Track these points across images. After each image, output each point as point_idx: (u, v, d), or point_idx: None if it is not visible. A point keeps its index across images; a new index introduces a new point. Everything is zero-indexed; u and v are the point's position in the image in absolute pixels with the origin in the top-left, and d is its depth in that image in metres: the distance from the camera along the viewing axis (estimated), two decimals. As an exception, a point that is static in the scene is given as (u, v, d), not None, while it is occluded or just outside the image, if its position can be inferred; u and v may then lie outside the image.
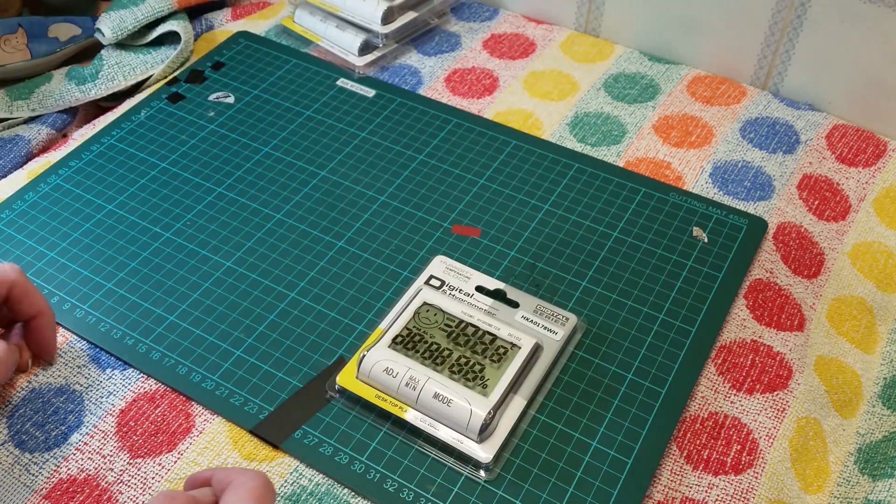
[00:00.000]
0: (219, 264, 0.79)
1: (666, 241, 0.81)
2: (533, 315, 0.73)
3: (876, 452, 0.68)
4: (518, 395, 0.67)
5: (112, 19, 1.01)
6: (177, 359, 0.72)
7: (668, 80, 1.00)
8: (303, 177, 0.88)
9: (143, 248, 0.81)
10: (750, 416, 0.69)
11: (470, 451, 0.65)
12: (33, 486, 0.65)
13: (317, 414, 0.68)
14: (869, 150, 0.92)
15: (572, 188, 0.86)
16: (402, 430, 0.67)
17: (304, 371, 0.71)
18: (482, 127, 0.93)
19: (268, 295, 0.77)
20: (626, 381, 0.70)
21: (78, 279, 0.78)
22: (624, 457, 0.65)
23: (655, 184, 0.86)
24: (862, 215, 0.86)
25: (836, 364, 0.75)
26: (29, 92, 0.99)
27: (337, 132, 0.93)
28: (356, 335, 0.74)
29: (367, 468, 0.65)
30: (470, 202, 0.85)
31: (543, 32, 1.08)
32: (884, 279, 0.81)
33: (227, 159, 0.90)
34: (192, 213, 0.84)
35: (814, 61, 0.95)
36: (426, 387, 0.66)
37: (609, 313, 0.75)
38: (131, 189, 0.86)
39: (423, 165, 0.89)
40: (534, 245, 0.81)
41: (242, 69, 1.01)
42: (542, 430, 0.67)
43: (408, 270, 0.79)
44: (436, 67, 1.02)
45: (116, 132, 0.93)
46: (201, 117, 0.95)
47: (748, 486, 0.65)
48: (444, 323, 0.71)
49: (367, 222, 0.83)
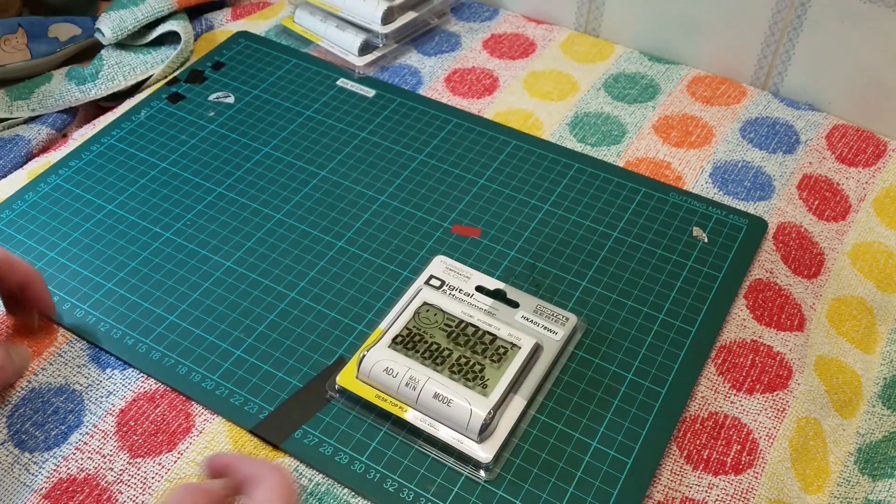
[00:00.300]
0: (219, 264, 0.79)
1: (666, 241, 0.81)
2: (533, 315, 0.73)
3: (876, 452, 0.68)
4: (518, 395, 0.67)
5: (112, 19, 1.01)
6: (177, 358, 0.72)
7: (668, 80, 1.00)
8: (303, 177, 0.88)
9: (144, 248, 0.81)
10: (750, 416, 0.69)
11: (470, 451, 0.64)
12: (33, 486, 0.65)
13: (317, 414, 0.68)
14: (869, 150, 0.92)
15: (572, 188, 0.86)
16: (402, 430, 0.67)
17: (304, 371, 0.71)
18: (482, 127, 0.93)
19: (268, 295, 0.77)
20: (626, 381, 0.70)
21: (78, 279, 0.78)
22: (624, 457, 0.65)
23: (655, 184, 0.86)
24: (862, 215, 0.86)
25: (836, 364, 0.75)
26: (29, 92, 0.99)
27: (337, 132, 0.93)
28: (356, 335, 0.74)
29: (367, 468, 0.65)
30: (470, 202, 0.85)
31: (543, 32, 1.08)
32: (884, 279, 0.81)
33: (227, 159, 0.89)
34: (192, 213, 0.84)
35: (814, 61, 0.95)
36: (426, 387, 0.66)
37: (609, 313, 0.75)
38: (131, 189, 0.86)
39: (423, 165, 0.89)
40: (534, 245, 0.81)
41: (242, 69, 1.01)
42: (542, 430, 0.67)
43: (408, 270, 0.79)
44: (436, 67, 1.02)
45: (116, 132, 0.93)
46: (201, 117, 0.94)
47: (748, 486, 0.65)
48: (444, 323, 0.71)
49: (367, 222, 0.83)
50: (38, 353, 0.73)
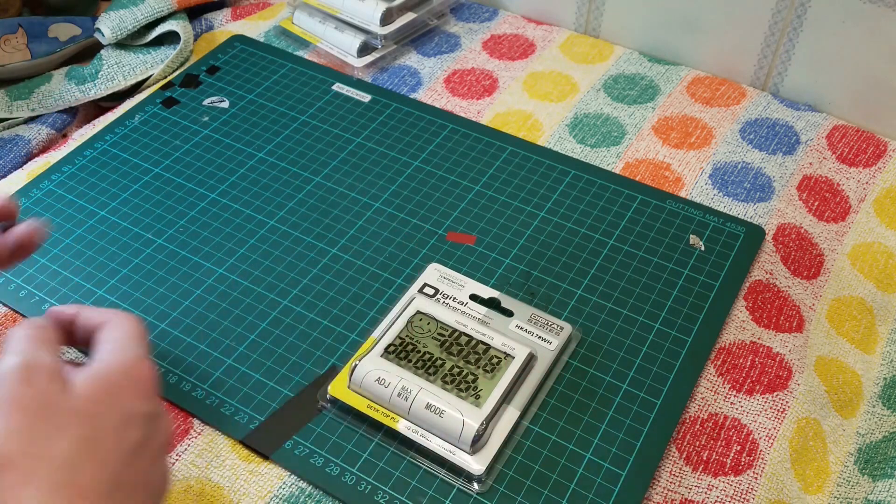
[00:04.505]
0: (211, 271, 0.79)
1: (662, 249, 0.80)
2: (527, 324, 0.72)
3: (876, 452, 0.68)
4: (511, 406, 0.67)
5: (112, 19, 1.01)
6: (167, 367, 0.71)
7: (667, 81, 0.99)
8: (297, 183, 0.87)
9: (135, 255, 0.80)
10: (750, 416, 0.69)
11: (462, 462, 0.64)
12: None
13: (308, 424, 0.68)
14: (869, 151, 0.91)
15: (568, 195, 0.85)
16: (394, 441, 0.66)
17: (296, 380, 0.71)
18: (478, 133, 0.92)
19: (260, 303, 0.76)
20: (621, 391, 0.70)
21: (69, 286, 0.78)
22: (618, 469, 0.65)
23: (652, 191, 0.85)
24: (862, 216, 0.86)
25: (836, 364, 0.75)
26: (29, 92, 0.99)
27: (332, 137, 0.92)
28: (349, 344, 0.73)
29: (357, 479, 0.64)
30: (465, 209, 0.84)
31: (543, 33, 1.07)
32: (884, 279, 0.81)
33: (220, 165, 0.89)
34: (185, 220, 0.83)
35: (814, 61, 0.94)
36: (418, 397, 0.65)
37: (605, 322, 0.74)
38: (124, 195, 0.86)
39: (418, 172, 0.88)
40: (529, 253, 0.80)
41: (238, 73, 1.01)
42: (536, 442, 0.66)
43: (401, 278, 0.78)
44: (435, 68, 1.02)
45: (110, 137, 0.92)
46: (195, 122, 0.94)
47: (748, 486, 0.65)
48: (438, 332, 0.71)
49: (361, 229, 0.82)
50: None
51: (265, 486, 0.64)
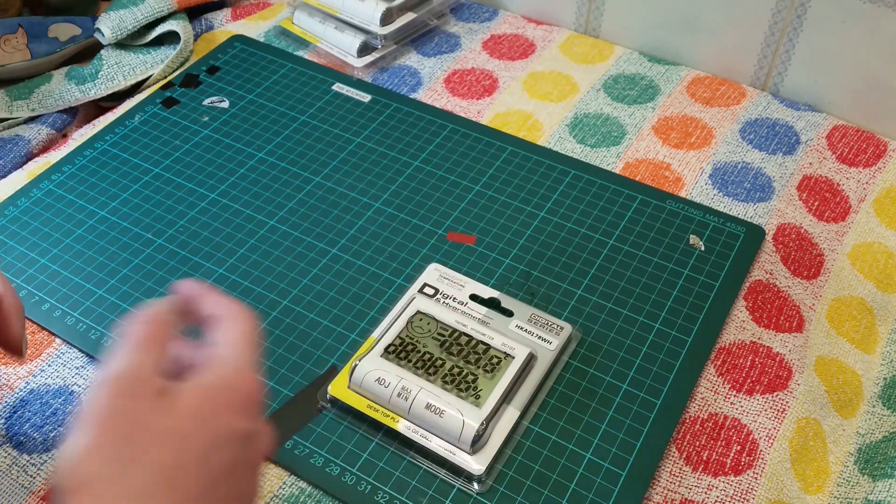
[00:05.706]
0: (210, 271, 0.79)
1: (662, 249, 0.80)
2: (527, 324, 0.72)
3: (876, 452, 0.68)
4: (511, 406, 0.67)
5: (112, 19, 1.01)
6: (168, 368, 0.71)
7: (667, 81, 0.99)
8: (297, 183, 0.87)
9: (135, 255, 0.80)
10: (750, 416, 0.69)
11: (462, 462, 0.64)
12: (31, 488, 0.65)
13: (308, 424, 0.68)
14: (869, 151, 0.91)
15: (568, 195, 0.85)
16: (394, 441, 0.66)
17: (296, 380, 0.71)
18: (478, 133, 0.92)
19: (260, 303, 0.76)
20: (621, 391, 0.70)
21: (69, 286, 0.78)
22: (618, 469, 0.65)
23: (652, 191, 0.85)
24: (862, 216, 0.86)
25: (836, 364, 0.74)
26: (29, 92, 0.99)
27: (332, 137, 0.92)
28: (349, 344, 0.73)
29: (357, 480, 0.64)
30: (465, 209, 0.84)
31: (543, 33, 1.07)
32: (884, 279, 0.81)
33: (220, 165, 0.89)
34: (185, 220, 0.83)
35: (814, 61, 0.94)
36: (418, 397, 0.65)
37: (605, 322, 0.74)
38: (124, 195, 0.86)
39: (418, 172, 0.88)
40: (529, 253, 0.80)
41: (237, 73, 1.01)
42: (536, 442, 0.66)
43: (402, 278, 0.78)
44: (435, 68, 1.02)
45: (110, 137, 0.92)
46: (195, 122, 0.94)
47: (748, 486, 0.65)
48: (438, 332, 0.71)
49: (361, 229, 0.82)
50: (36, 355, 0.73)
51: (265, 486, 0.64)
